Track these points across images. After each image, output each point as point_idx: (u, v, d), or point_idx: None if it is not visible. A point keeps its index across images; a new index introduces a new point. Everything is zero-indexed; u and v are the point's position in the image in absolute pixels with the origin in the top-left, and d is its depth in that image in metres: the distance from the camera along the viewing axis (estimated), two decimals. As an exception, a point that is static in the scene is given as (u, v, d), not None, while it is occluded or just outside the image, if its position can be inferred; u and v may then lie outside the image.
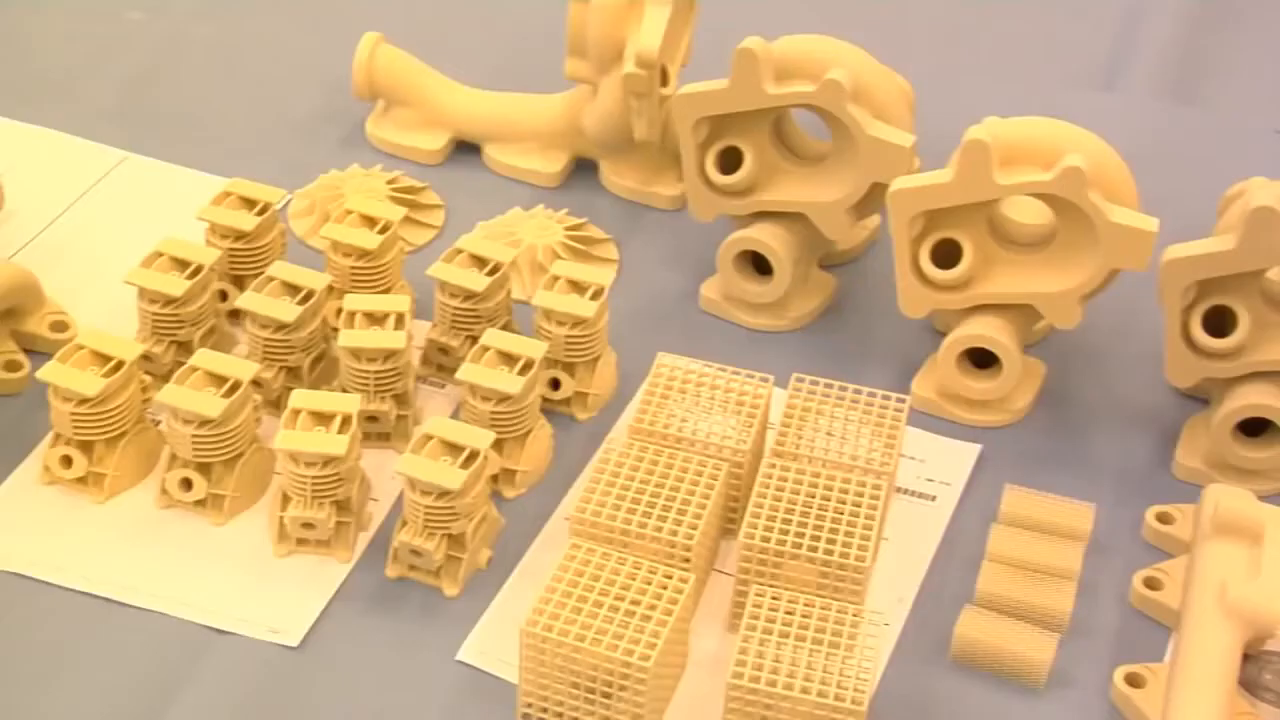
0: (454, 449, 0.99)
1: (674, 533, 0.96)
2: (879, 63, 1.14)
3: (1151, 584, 1.01)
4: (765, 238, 1.16)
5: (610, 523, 0.97)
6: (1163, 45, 1.51)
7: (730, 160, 1.16)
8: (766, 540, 0.96)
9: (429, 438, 1.00)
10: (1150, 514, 1.06)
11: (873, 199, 1.14)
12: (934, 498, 1.08)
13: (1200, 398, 1.14)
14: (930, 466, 1.10)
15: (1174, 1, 1.54)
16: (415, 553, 1.00)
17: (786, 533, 0.96)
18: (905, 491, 1.08)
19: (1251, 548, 0.97)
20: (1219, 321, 1.07)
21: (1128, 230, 1.06)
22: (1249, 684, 0.97)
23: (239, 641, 0.98)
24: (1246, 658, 0.97)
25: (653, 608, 0.92)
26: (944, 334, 1.13)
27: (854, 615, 0.93)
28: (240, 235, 1.14)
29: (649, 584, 0.94)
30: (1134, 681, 0.96)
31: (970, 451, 1.11)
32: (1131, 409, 1.15)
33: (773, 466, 1.00)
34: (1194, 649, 0.93)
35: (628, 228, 1.27)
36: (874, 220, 1.25)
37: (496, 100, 1.32)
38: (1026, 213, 1.12)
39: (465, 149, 1.33)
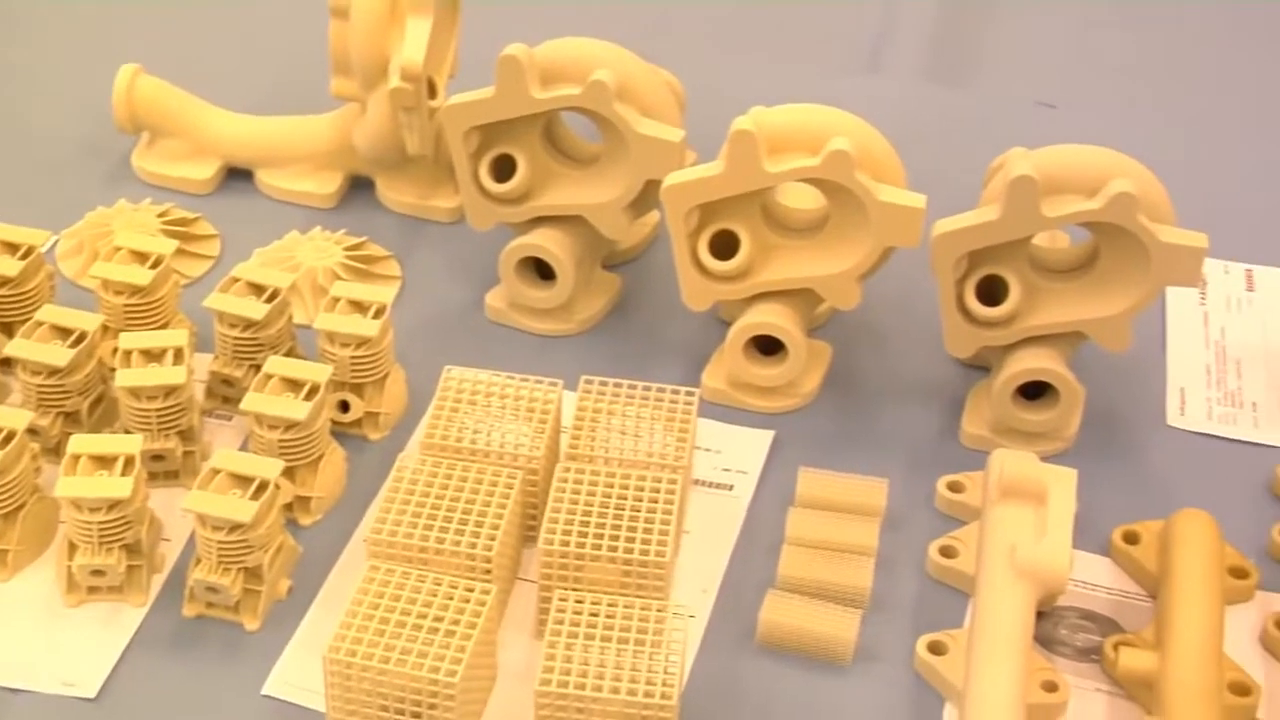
0: (243, 481, 0.98)
1: (473, 545, 0.96)
2: (644, 61, 1.15)
3: (947, 552, 1.03)
4: (545, 242, 1.16)
5: (408, 541, 0.96)
6: (925, 25, 1.54)
7: (504, 168, 1.16)
8: (566, 544, 0.96)
9: (216, 471, 0.98)
10: (941, 484, 1.08)
11: (648, 196, 1.15)
12: (731, 487, 1.09)
13: (981, 366, 1.16)
14: (726, 456, 1.11)
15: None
16: (212, 589, 0.98)
17: (585, 535, 0.96)
18: (703, 483, 1.09)
19: (1037, 509, 0.99)
20: (992, 290, 1.10)
21: (897, 209, 1.08)
22: (1045, 640, 1.00)
23: (33, 699, 0.95)
24: (1041, 615, 1.00)
25: (456, 623, 0.92)
26: (730, 324, 1.14)
27: (659, 611, 0.93)
28: (4, 281, 1.11)
29: (451, 599, 0.93)
30: (936, 649, 0.97)
31: (764, 438, 1.12)
32: (917, 383, 1.17)
33: (567, 470, 1.00)
34: (989, 612, 0.96)
35: (408, 243, 1.26)
36: (653, 217, 1.26)
37: (265, 124, 1.30)
38: (800, 199, 1.14)
39: (237, 176, 1.31)
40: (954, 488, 1.08)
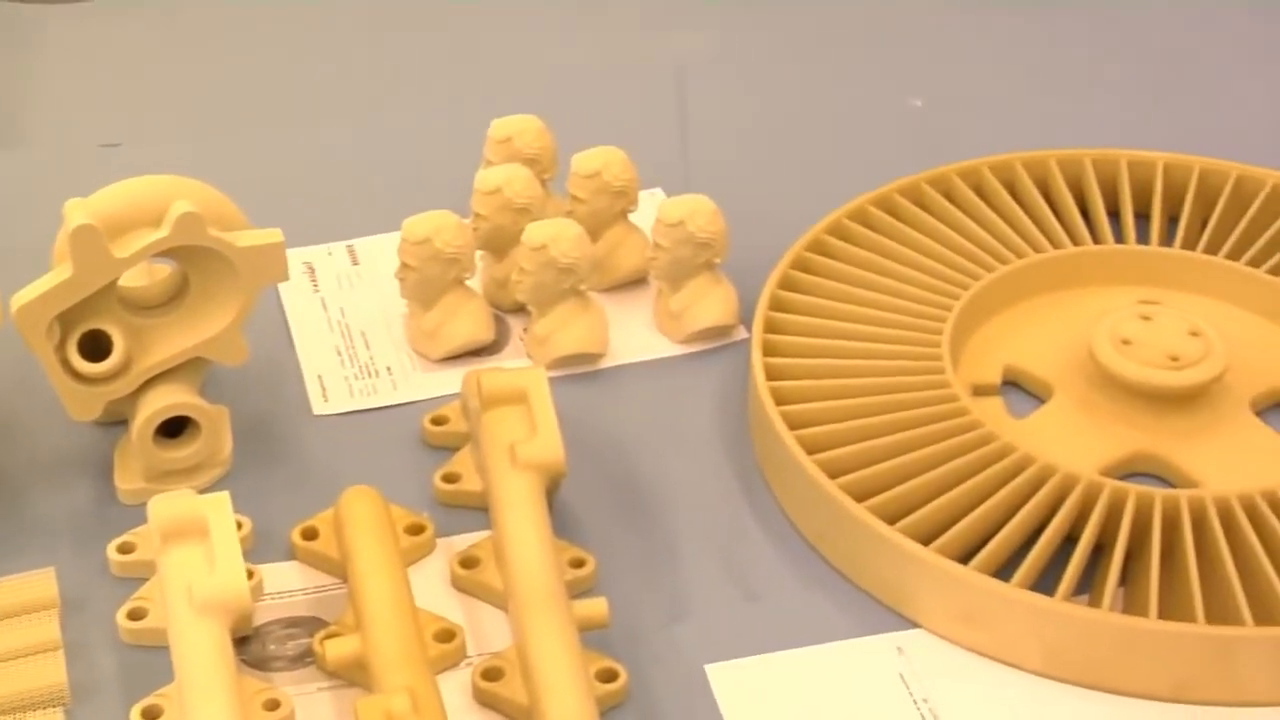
0: None
1: None
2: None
3: (135, 615, 1.00)
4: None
5: None
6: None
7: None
8: None
9: None
10: (111, 549, 1.05)
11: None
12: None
13: (122, 420, 1.13)
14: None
15: None
16: None
17: None
18: None
19: (204, 542, 0.98)
20: (99, 343, 1.07)
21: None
22: (259, 661, 0.99)
23: None
24: (246, 640, 0.99)
25: None
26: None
27: None
28: None
29: None
30: (151, 714, 0.95)
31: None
32: (59, 459, 1.13)
33: None
34: (185, 660, 0.94)
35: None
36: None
37: None
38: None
39: None
40: (125, 549, 1.05)
